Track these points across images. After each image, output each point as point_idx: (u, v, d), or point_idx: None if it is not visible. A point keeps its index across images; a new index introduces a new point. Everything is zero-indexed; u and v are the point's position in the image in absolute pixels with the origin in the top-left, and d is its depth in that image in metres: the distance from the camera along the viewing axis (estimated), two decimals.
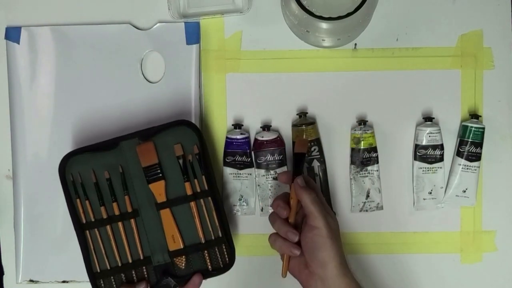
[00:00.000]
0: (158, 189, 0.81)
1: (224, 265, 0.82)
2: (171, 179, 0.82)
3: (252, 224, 0.88)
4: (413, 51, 0.87)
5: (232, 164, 0.86)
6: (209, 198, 0.82)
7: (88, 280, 0.86)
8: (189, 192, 0.82)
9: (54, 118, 0.87)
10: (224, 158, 0.86)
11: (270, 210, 0.86)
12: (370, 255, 0.88)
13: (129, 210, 0.81)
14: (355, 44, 0.87)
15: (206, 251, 0.82)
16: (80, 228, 0.81)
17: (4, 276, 0.88)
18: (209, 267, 0.82)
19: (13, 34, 0.86)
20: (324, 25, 0.75)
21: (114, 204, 0.81)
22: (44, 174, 0.86)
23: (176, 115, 0.86)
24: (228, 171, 0.86)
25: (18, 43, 0.86)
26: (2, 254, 0.88)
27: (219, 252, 0.82)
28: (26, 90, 0.87)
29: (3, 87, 0.87)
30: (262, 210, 0.87)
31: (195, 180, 0.82)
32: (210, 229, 0.82)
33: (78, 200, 0.81)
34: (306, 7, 0.73)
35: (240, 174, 0.86)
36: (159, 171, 0.81)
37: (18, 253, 0.87)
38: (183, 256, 0.81)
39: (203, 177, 0.82)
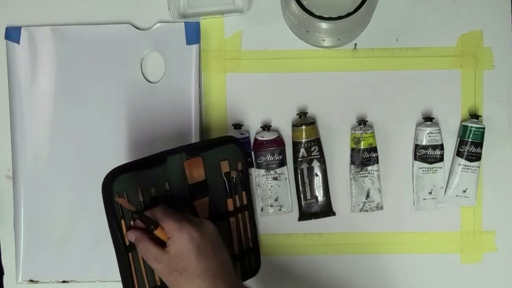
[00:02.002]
0: (202, 206, 0.80)
1: (251, 272, 0.84)
2: (214, 196, 0.81)
3: None
4: (413, 51, 0.87)
5: None
6: (246, 212, 0.84)
7: (88, 280, 0.86)
8: (230, 208, 0.82)
9: (54, 118, 0.87)
10: None
11: (270, 210, 0.87)
12: (370, 255, 0.88)
13: None
14: (355, 44, 0.87)
15: (238, 262, 0.83)
16: (124, 250, 0.75)
17: (4, 276, 0.88)
18: (239, 274, 0.83)
19: (13, 34, 0.86)
20: (324, 25, 0.75)
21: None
22: (44, 174, 0.86)
23: (176, 115, 0.86)
24: None
25: (18, 43, 0.86)
26: (2, 254, 0.88)
27: (248, 261, 0.84)
28: (26, 90, 0.87)
29: (3, 87, 0.87)
30: (262, 210, 0.87)
31: (236, 196, 0.83)
32: (243, 241, 0.83)
33: (123, 222, 0.75)
34: (306, 7, 0.73)
35: None
36: (205, 188, 0.80)
37: (18, 253, 0.87)
38: None
39: (243, 192, 0.83)
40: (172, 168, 0.78)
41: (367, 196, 0.87)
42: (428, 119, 0.86)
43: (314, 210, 0.87)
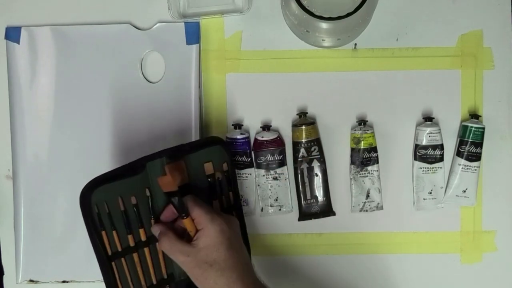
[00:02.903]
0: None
1: None
2: (200, 198, 0.78)
3: (252, 224, 0.88)
4: (413, 51, 0.87)
5: (232, 164, 0.86)
6: (234, 212, 0.83)
7: (88, 280, 0.86)
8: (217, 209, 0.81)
9: (54, 118, 0.87)
10: None
11: (270, 210, 0.87)
12: (370, 255, 0.88)
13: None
14: (355, 44, 0.87)
15: None
16: (107, 260, 0.74)
17: (4, 276, 0.88)
18: None
19: (13, 34, 0.86)
20: (324, 25, 0.75)
21: (141, 230, 0.76)
22: (44, 174, 0.86)
23: (176, 115, 0.86)
24: None
25: (18, 43, 0.86)
26: (2, 254, 0.88)
27: None
28: (26, 90, 0.87)
29: (3, 87, 0.87)
30: (262, 210, 0.87)
31: (222, 197, 0.81)
32: None
33: (103, 232, 0.74)
34: (306, 7, 0.73)
35: (240, 174, 0.86)
36: (188, 191, 0.77)
37: (18, 253, 0.87)
38: None
39: (230, 193, 0.82)
40: (153, 174, 0.76)
41: (367, 196, 0.87)
42: (428, 119, 0.86)
43: (314, 210, 0.87)
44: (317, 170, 0.86)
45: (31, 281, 0.87)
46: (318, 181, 0.87)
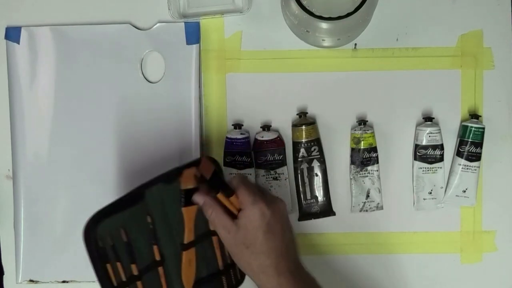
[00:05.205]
0: (190, 214, 0.77)
1: (236, 282, 0.82)
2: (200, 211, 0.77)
3: None
4: (413, 51, 0.87)
5: (232, 164, 0.86)
6: None
7: (88, 280, 0.86)
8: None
9: (54, 118, 0.87)
10: (224, 158, 0.86)
11: None
12: (370, 255, 0.88)
13: (158, 258, 0.76)
14: (355, 44, 0.87)
15: (223, 276, 0.81)
16: None
17: (4, 276, 0.88)
18: (225, 287, 0.81)
19: (13, 34, 0.86)
20: (324, 25, 0.75)
21: (145, 258, 0.75)
22: (44, 174, 0.86)
23: (176, 115, 0.86)
24: (228, 171, 0.86)
25: (18, 43, 0.86)
26: (2, 254, 0.88)
27: (233, 273, 0.82)
28: (26, 90, 0.87)
29: (3, 87, 0.87)
30: None
31: None
32: (227, 255, 0.80)
33: (108, 265, 0.72)
34: (306, 7, 0.73)
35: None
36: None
37: (18, 253, 0.87)
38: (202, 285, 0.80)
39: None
40: (152, 200, 0.75)
41: (367, 196, 0.87)
42: (428, 119, 0.86)
43: (314, 210, 0.87)
44: (317, 170, 0.86)
45: (31, 281, 0.87)
46: (318, 181, 0.87)
